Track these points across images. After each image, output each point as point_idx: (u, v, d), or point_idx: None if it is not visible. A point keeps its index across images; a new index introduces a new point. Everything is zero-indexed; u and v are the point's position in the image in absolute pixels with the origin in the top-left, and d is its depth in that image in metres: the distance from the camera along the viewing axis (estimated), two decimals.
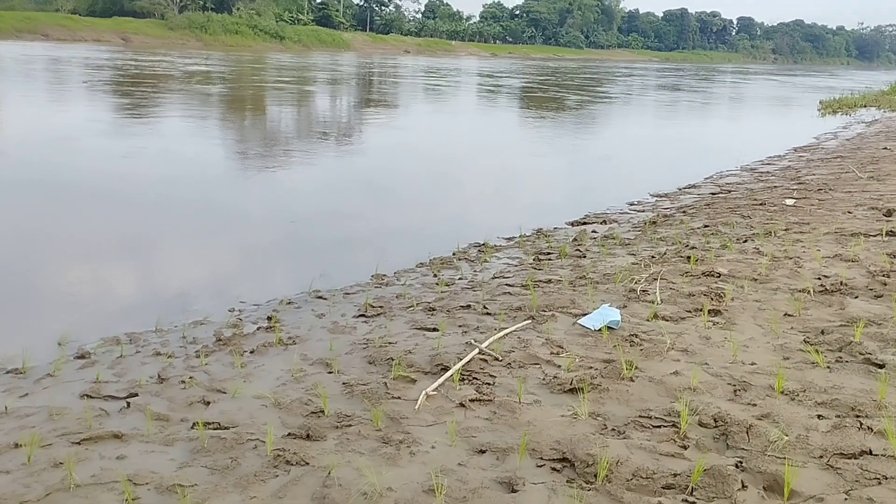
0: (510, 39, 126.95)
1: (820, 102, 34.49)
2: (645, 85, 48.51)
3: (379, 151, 15.64)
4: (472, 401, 3.64)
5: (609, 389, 3.66)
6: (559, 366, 4.06)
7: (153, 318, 5.67)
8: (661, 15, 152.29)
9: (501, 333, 4.57)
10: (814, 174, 11.74)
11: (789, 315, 4.72)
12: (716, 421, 3.24)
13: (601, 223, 9.20)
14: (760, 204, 8.89)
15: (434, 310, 5.53)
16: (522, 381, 3.85)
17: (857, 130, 21.28)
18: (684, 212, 9.26)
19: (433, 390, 3.75)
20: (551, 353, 4.23)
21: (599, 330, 4.59)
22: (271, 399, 3.86)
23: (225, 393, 4.05)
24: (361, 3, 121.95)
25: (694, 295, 5.18)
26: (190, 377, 4.33)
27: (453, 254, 7.91)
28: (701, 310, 4.88)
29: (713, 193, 11.11)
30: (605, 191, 12.33)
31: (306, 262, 7.71)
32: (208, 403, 3.92)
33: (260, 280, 7.15)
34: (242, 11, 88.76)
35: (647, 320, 4.76)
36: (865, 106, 31.08)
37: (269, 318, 5.77)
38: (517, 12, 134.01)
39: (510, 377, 3.96)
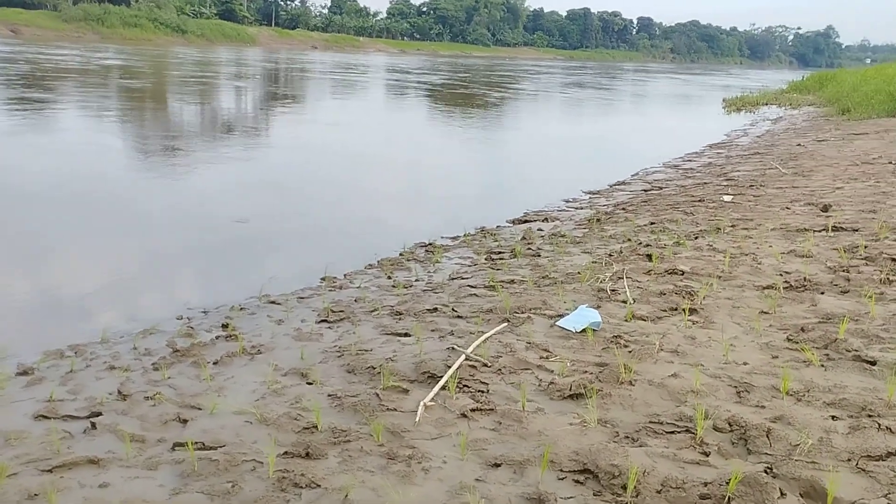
0: (418, 36, 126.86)
1: (723, 100, 35.64)
2: (558, 82, 49.14)
3: (307, 151, 15.27)
4: (473, 411, 3.49)
5: (611, 395, 3.57)
6: (551, 370, 3.94)
7: (94, 329, 5.33)
8: (565, 14, 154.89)
9: (482, 338, 4.43)
10: (738, 170, 12.02)
11: (765, 312, 4.74)
12: (731, 425, 3.18)
13: (543, 220, 9.17)
14: (699, 200, 9.02)
15: (401, 314, 5.35)
16: (519, 388, 3.72)
17: (765, 128, 21.98)
18: (624, 209, 9.32)
19: (430, 401, 3.57)
20: (540, 358, 4.12)
21: (582, 331, 4.50)
22: (255, 414, 3.62)
23: (200, 409, 3.79)
24: None
25: (665, 294, 5.16)
26: (156, 392, 4.04)
27: (400, 254, 7.74)
28: (676, 309, 4.86)
29: (645, 190, 11.24)
30: (536, 188, 12.32)
31: (247, 265, 7.41)
32: (185, 421, 3.66)
33: (203, 285, 6.85)
34: (142, 4, 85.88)
35: (626, 320, 4.70)
36: (767, 104, 32.16)
37: (225, 326, 5.49)
38: (424, 9, 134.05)
39: (504, 384, 3.83)
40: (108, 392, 4.16)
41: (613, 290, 5.33)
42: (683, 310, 4.77)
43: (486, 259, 7.22)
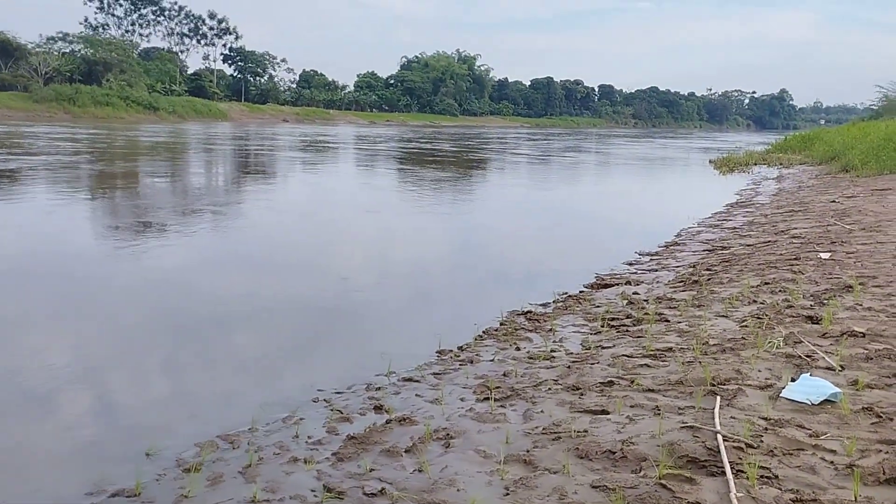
0: (386, 108, 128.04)
1: (710, 161, 36.03)
2: (545, 148, 49.39)
3: (351, 231, 14.88)
4: (797, 501, 3.04)
5: None
6: (832, 450, 3.52)
7: (234, 419, 4.82)
8: (529, 83, 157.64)
9: (717, 414, 3.99)
10: (795, 228, 11.80)
11: None
12: None
13: (626, 284, 8.81)
14: (795, 259, 8.72)
15: (578, 388, 4.91)
16: (815, 473, 3.29)
17: (773, 186, 22.01)
18: (710, 269, 8.99)
19: (739, 493, 3.12)
20: (809, 436, 3.69)
21: (819, 403, 4.09)
22: None
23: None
24: (236, 74, 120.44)
25: (871, 358, 4.77)
26: (381, 488, 3.54)
27: (501, 324, 7.32)
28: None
29: (708, 251, 10.96)
30: (587, 251, 12.04)
31: (342, 342, 6.95)
32: None
33: (308, 365, 6.32)
34: (113, 83, 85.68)
35: (859, 389, 4.29)
36: (756, 164, 32.44)
37: (379, 408, 5.01)
38: (392, 81, 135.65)
39: (790, 468, 3.39)
40: (311, 489, 3.66)
41: (808, 356, 4.94)
42: None
43: (604, 325, 6.81)
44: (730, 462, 3.42)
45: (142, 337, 6.80)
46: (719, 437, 3.65)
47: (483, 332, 7.01)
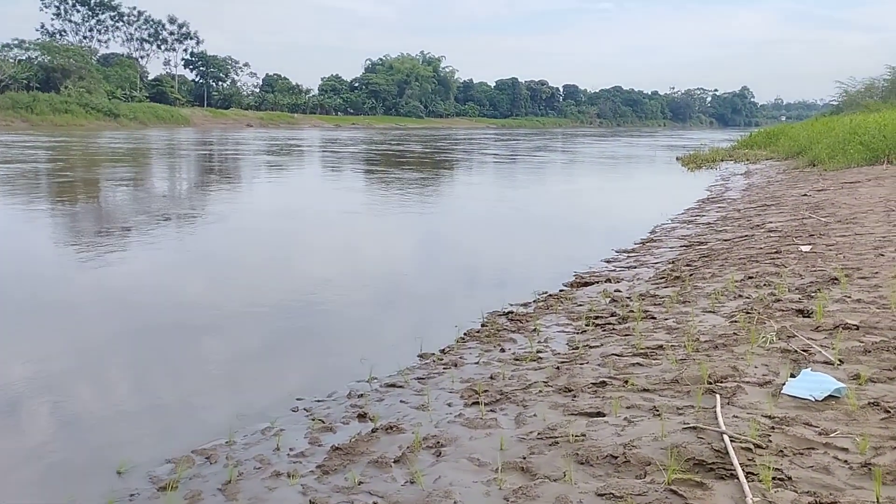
0: (351, 111, 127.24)
1: (678, 158, 36.24)
2: (514, 148, 49.32)
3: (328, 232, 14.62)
4: None
5: None
6: (845, 448, 3.37)
7: (209, 432, 4.58)
8: (494, 84, 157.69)
9: (720, 413, 3.83)
10: (771, 222, 11.76)
11: None
12: None
13: (607, 282, 8.66)
14: (776, 252, 8.63)
15: (570, 390, 4.73)
16: (829, 473, 3.13)
17: (742, 181, 22.10)
18: (689, 265, 8.88)
19: (754, 497, 2.95)
20: (819, 434, 3.53)
21: (823, 399, 3.94)
22: None
23: None
24: (198, 79, 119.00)
25: (869, 351, 4.64)
26: (372, 503, 3.33)
27: (483, 325, 7.13)
28: None
29: (685, 246, 10.87)
30: (563, 250, 11.90)
31: (316, 348, 6.72)
32: None
33: (285, 372, 6.07)
34: (71, 90, 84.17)
35: (861, 384, 4.15)
36: (723, 160, 32.61)
37: (363, 416, 4.79)
38: (356, 84, 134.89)
39: (802, 469, 3.23)
40: None
41: (805, 351, 4.80)
42: None
43: (589, 324, 6.64)
44: (740, 464, 3.25)
45: (107, 346, 6.52)
46: (726, 437, 3.48)
47: (465, 333, 6.83)
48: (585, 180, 28.46)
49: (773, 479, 3.10)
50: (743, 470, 3.19)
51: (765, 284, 7.06)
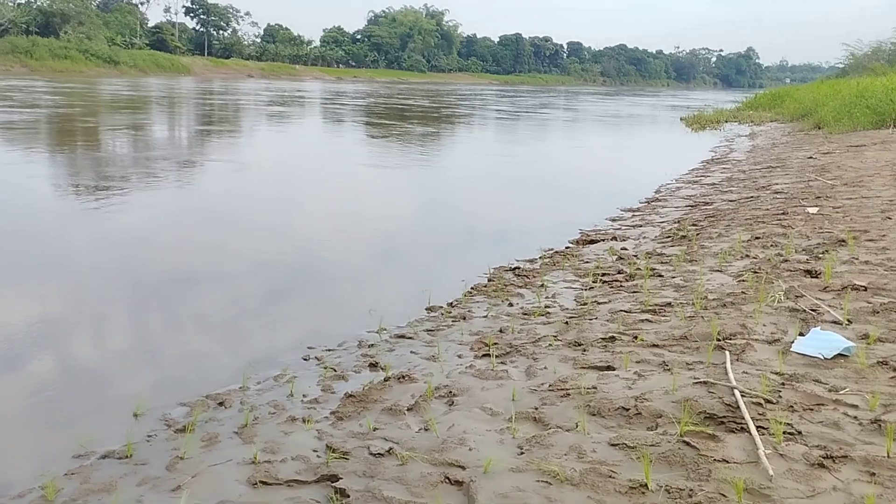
0: (353, 63, 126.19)
1: (682, 119, 36.05)
2: (519, 105, 49.02)
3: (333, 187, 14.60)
4: (827, 458, 2.93)
5: None
6: (854, 405, 3.42)
7: (221, 378, 4.63)
8: (498, 40, 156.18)
9: (730, 369, 3.88)
10: (777, 183, 11.76)
11: None
12: None
13: (612, 240, 8.70)
14: (783, 213, 8.65)
15: (580, 344, 4.77)
16: (840, 429, 3.19)
17: (746, 143, 22.02)
18: (696, 225, 8.90)
19: (766, 450, 3.01)
20: (829, 391, 3.58)
21: (832, 358, 3.99)
22: (547, 472, 3.02)
23: (464, 468, 3.16)
24: (198, 28, 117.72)
25: (878, 312, 4.69)
26: (388, 448, 3.39)
27: (489, 280, 7.18)
28: None
29: (690, 206, 10.89)
30: (569, 207, 11.91)
31: (326, 299, 6.76)
32: (459, 483, 3.03)
33: (295, 321, 6.12)
34: (71, 36, 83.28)
35: (869, 344, 4.20)
36: (727, 121, 32.43)
37: (374, 365, 4.85)
38: (359, 37, 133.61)
39: (812, 424, 3.29)
40: (313, 449, 3.50)
41: (813, 310, 4.84)
42: None
43: (596, 281, 6.68)
44: (751, 418, 3.30)
45: (118, 294, 6.56)
46: (737, 392, 3.53)
47: (472, 288, 6.87)
48: (589, 139, 28.36)
49: (784, 433, 3.15)
50: (754, 423, 3.24)
51: (772, 245, 7.09)
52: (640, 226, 9.61)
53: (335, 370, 4.77)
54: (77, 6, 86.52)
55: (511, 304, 6.14)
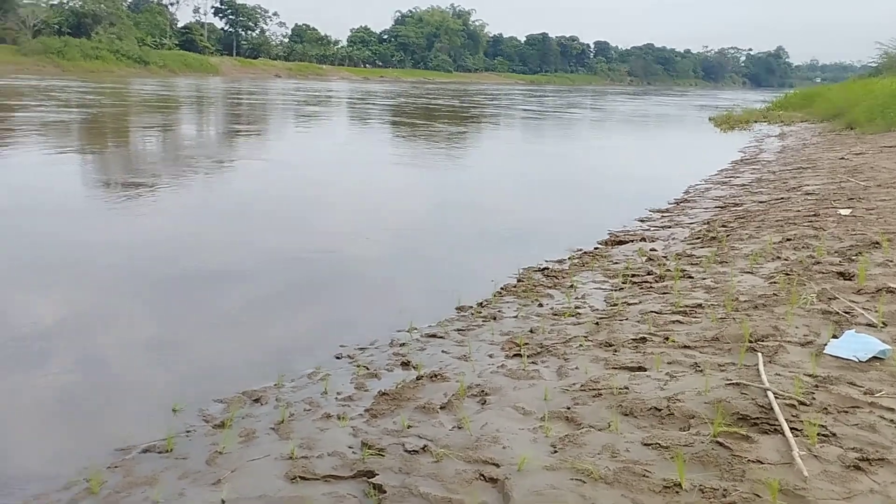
0: (380, 63, 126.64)
1: (710, 119, 35.79)
2: (547, 105, 48.96)
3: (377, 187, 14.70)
4: (862, 461, 2.94)
5: None
6: (891, 408, 3.42)
7: (256, 375, 4.70)
8: (524, 39, 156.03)
9: (763, 370, 3.88)
10: (808, 185, 11.67)
11: None
12: None
13: (642, 241, 8.69)
14: (814, 215, 8.59)
15: (611, 345, 4.80)
16: (876, 432, 3.19)
17: (776, 143, 21.85)
18: (725, 226, 8.87)
19: (800, 451, 3.02)
20: (864, 394, 3.58)
21: (867, 360, 3.98)
22: (580, 470, 3.05)
23: (499, 465, 3.20)
24: (227, 28, 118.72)
25: None
26: (423, 445, 3.44)
27: (519, 280, 7.21)
28: None
29: (719, 207, 10.84)
30: (597, 208, 11.91)
31: (356, 300, 6.80)
32: (494, 480, 3.07)
33: (327, 320, 6.19)
34: (102, 36, 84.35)
35: None
36: (756, 122, 32.16)
37: (406, 364, 4.91)
38: (385, 37, 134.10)
39: (848, 426, 3.29)
40: (349, 445, 3.56)
41: (847, 313, 4.83)
42: None
43: (626, 282, 6.70)
44: (785, 420, 3.31)
45: (153, 291, 6.66)
46: (770, 393, 3.54)
47: (501, 288, 6.90)
48: (616, 139, 28.27)
49: (818, 434, 3.16)
50: (787, 425, 3.25)
51: (803, 247, 7.06)
52: (670, 227, 9.60)
53: (368, 368, 4.83)
54: (108, 7, 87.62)
55: (541, 305, 6.17)
